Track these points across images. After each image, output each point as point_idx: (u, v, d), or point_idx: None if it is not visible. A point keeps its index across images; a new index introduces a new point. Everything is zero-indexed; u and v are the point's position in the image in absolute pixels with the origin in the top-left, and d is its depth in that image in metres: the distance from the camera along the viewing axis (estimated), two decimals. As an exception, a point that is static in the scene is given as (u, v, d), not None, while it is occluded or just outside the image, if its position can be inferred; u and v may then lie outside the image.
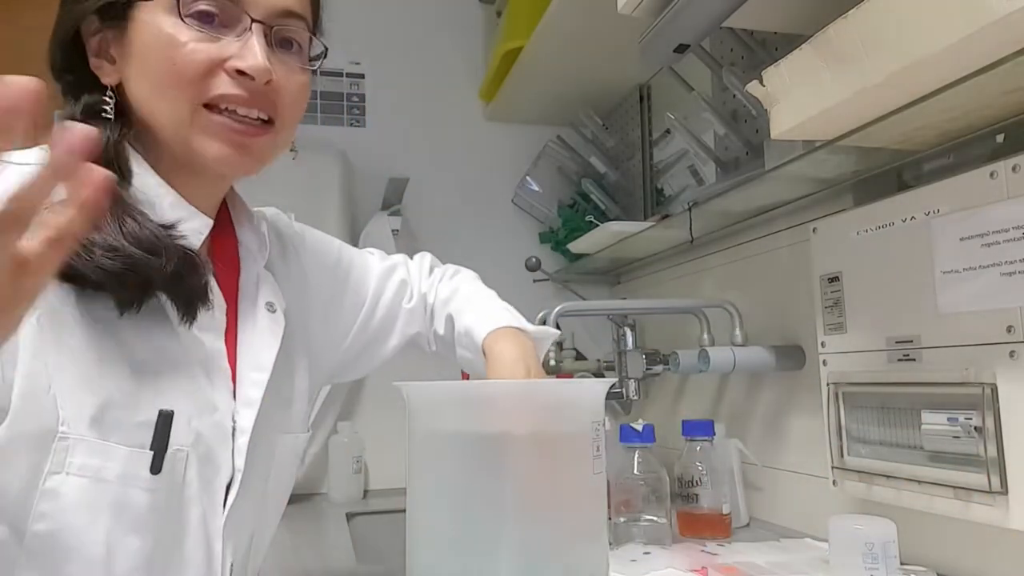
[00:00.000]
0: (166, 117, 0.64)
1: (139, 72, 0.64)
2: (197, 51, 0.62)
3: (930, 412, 0.78)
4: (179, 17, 0.62)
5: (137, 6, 0.64)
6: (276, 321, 0.75)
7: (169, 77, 0.63)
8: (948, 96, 0.68)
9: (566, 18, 1.36)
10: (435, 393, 0.67)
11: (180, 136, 0.65)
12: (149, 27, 0.63)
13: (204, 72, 0.63)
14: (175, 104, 0.63)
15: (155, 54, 0.63)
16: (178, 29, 0.62)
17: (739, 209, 1.20)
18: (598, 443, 0.66)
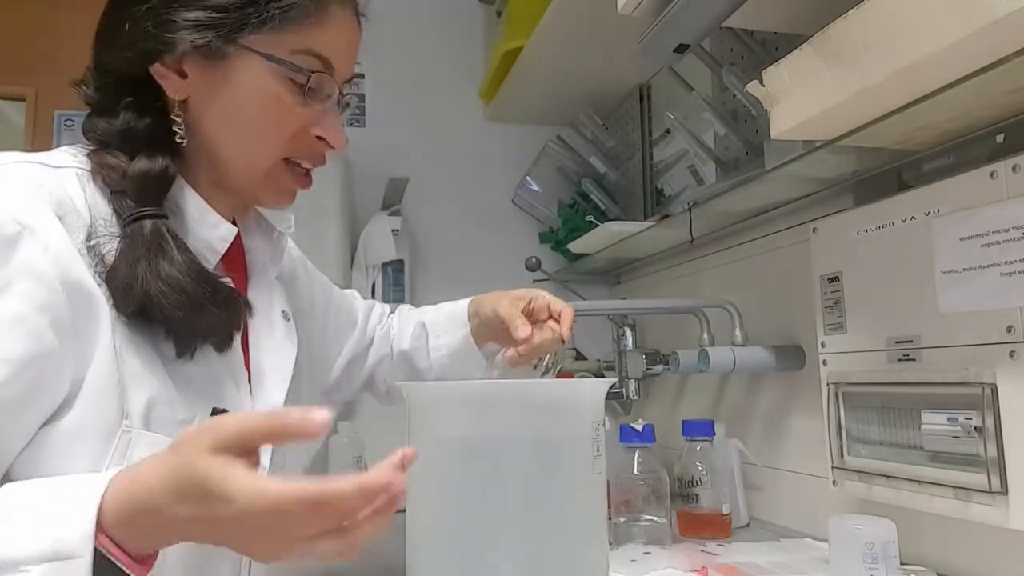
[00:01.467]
0: (243, 160, 0.67)
1: (229, 113, 0.65)
2: (296, 116, 0.66)
3: (930, 412, 0.78)
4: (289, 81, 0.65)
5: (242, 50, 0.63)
6: (292, 329, 0.77)
7: (267, 134, 0.66)
8: (948, 96, 0.68)
9: (566, 18, 1.36)
10: (435, 393, 0.67)
11: (249, 177, 0.68)
12: (256, 79, 0.64)
13: (296, 134, 0.67)
14: (261, 155, 0.67)
15: (258, 108, 0.65)
16: (284, 92, 0.65)
17: (739, 209, 1.20)
18: (598, 443, 0.66)
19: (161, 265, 0.60)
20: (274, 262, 0.78)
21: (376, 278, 1.64)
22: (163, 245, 0.61)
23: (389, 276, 1.64)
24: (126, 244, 0.60)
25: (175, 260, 0.61)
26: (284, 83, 0.65)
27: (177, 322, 0.61)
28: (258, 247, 0.78)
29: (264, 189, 0.70)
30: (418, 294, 1.69)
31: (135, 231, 0.61)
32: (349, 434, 1.60)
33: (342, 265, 1.60)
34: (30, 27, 1.78)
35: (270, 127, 0.66)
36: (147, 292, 0.59)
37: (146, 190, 0.63)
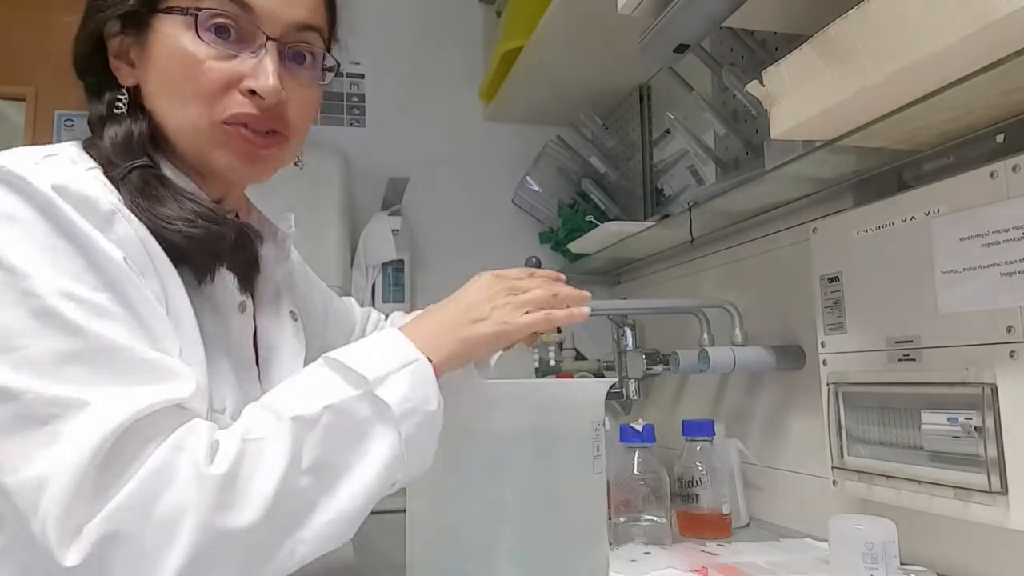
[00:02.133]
0: (182, 127, 0.66)
1: (157, 82, 0.66)
2: (214, 70, 0.64)
3: (930, 412, 0.78)
4: (196, 31, 0.63)
5: (157, 16, 0.64)
6: (300, 329, 0.78)
7: (187, 93, 0.65)
8: (948, 96, 0.68)
9: (566, 18, 1.36)
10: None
11: (195, 144, 0.67)
12: (169, 40, 0.64)
13: (220, 91, 0.64)
14: (192, 118, 0.65)
15: (174, 69, 0.64)
16: (197, 46, 0.64)
17: (739, 209, 1.20)
18: (598, 443, 0.66)
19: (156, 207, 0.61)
20: (279, 261, 0.77)
21: (376, 278, 1.64)
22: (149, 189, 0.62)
23: (389, 276, 1.64)
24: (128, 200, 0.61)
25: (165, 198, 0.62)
26: (192, 36, 0.63)
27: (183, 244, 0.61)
28: (264, 247, 0.76)
29: (216, 156, 0.66)
30: (418, 294, 1.69)
31: (129, 186, 0.61)
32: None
33: (342, 265, 1.60)
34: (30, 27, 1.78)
35: (188, 85, 0.64)
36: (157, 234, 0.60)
37: (120, 149, 0.64)
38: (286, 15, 0.66)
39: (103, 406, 0.49)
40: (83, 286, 0.52)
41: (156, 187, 0.63)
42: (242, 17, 0.64)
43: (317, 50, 0.70)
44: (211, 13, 0.63)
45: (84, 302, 0.52)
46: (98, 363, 0.51)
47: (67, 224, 0.54)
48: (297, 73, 0.69)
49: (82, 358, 0.50)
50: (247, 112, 0.65)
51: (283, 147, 0.69)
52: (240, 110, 0.65)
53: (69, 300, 0.51)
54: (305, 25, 0.68)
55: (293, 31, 0.67)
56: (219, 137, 0.66)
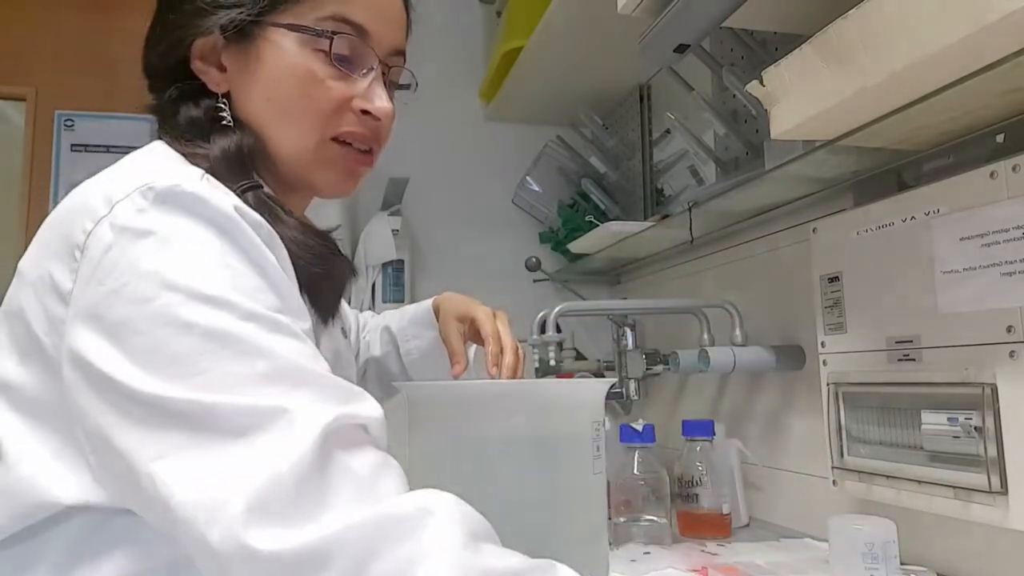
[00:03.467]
0: (291, 143, 0.65)
1: (265, 95, 0.65)
2: (332, 89, 0.64)
3: (930, 412, 0.78)
4: (317, 50, 0.63)
5: (267, 27, 0.63)
6: (350, 347, 0.79)
7: (303, 110, 0.64)
8: (948, 96, 0.68)
9: (566, 18, 1.36)
10: (435, 393, 0.67)
11: (299, 161, 0.66)
12: (285, 55, 0.63)
13: (336, 110, 0.65)
14: (302, 135, 0.65)
15: (289, 84, 0.64)
16: (315, 64, 0.63)
17: (739, 209, 1.20)
18: (598, 443, 0.66)
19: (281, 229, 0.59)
20: None
21: (376, 278, 1.64)
22: (273, 210, 0.61)
23: (389, 276, 1.64)
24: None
25: (289, 222, 0.61)
26: (312, 53, 0.63)
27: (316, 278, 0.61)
28: None
29: (319, 173, 0.67)
30: (418, 294, 1.69)
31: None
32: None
33: (342, 265, 1.60)
34: (30, 27, 1.78)
35: (302, 101, 0.64)
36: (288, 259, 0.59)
37: (233, 165, 0.62)
38: (390, 38, 0.68)
39: (295, 417, 0.46)
40: (262, 306, 0.51)
41: (277, 211, 0.61)
42: (358, 41, 0.65)
43: (405, 71, 0.74)
44: (336, 35, 0.63)
45: (265, 322, 0.50)
46: (288, 381, 0.48)
47: (247, 245, 0.53)
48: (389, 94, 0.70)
49: (270, 377, 0.48)
50: (360, 132, 0.67)
51: (373, 162, 0.71)
52: (352, 129, 0.66)
53: (250, 321, 0.49)
54: (399, 49, 0.71)
55: (392, 55, 0.70)
56: (327, 154, 0.66)
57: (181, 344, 0.48)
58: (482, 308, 0.85)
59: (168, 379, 0.47)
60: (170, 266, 0.50)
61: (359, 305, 1.60)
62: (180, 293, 0.49)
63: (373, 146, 0.69)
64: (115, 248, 0.51)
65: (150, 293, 0.49)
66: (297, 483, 0.44)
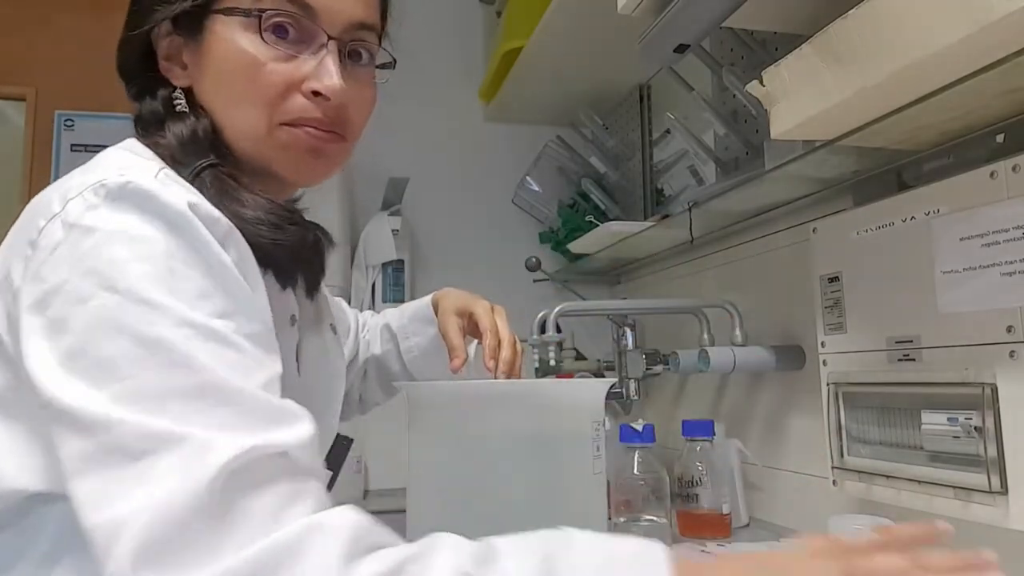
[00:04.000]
0: (243, 130, 0.64)
1: (215, 85, 0.64)
2: (275, 72, 0.62)
3: (930, 412, 0.78)
4: (256, 33, 0.62)
5: (212, 17, 0.63)
6: (339, 343, 0.78)
7: (248, 96, 0.63)
8: (948, 96, 0.68)
9: (566, 18, 1.36)
10: (434, 393, 0.67)
11: (255, 148, 0.65)
12: (226, 42, 0.62)
13: (282, 93, 0.63)
14: (253, 121, 0.63)
15: (233, 71, 0.62)
16: (256, 47, 0.61)
17: (739, 209, 1.20)
18: (598, 443, 0.66)
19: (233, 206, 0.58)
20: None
21: (376, 278, 1.64)
22: (230, 188, 0.60)
23: (389, 276, 1.64)
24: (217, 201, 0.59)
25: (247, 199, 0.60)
26: (252, 37, 0.61)
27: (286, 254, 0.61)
28: None
29: (276, 158, 0.65)
30: (418, 294, 1.67)
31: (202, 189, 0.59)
32: (349, 434, 1.60)
33: (342, 265, 1.60)
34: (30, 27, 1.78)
35: (248, 87, 0.62)
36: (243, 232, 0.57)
37: (187, 147, 0.62)
38: (345, 13, 0.64)
39: (201, 446, 0.44)
40: (201, 313, 0.49)
41: (232, 186, 0.60)
42: (302, 17, 0.62)
43: (374, 48, 0.69)
44: (272, 13, 0.61)
45: (200, 330, 0.49)
46: (205, 399, 0.47)
47: (198, 244, 0.52)
48: (356, 72, 0.67)
49: (190, 394, 0.47)
50: (312, 116, 0.64)
51: (344, 146, 0.68)
52: (304, 113, 0.63)
53: (184, 328, 0.48)
54: (362, 23, 0.66)
55: (351, 30, 0.65)
56: (280, 139, 0.64)
57: (109, 348, 0.47)
58: (481, 302, 0.84)
59: (89, 384, 0.47)
60: (111, 266, 0.49)
61: (359, 305, 1.60)
62: (118, 295, 0.48)
63: (336, 128, 0.65)
64: (63, 245, 0.51)
65: (87, 293, 0.48)
66: (189, 524, 0.42)
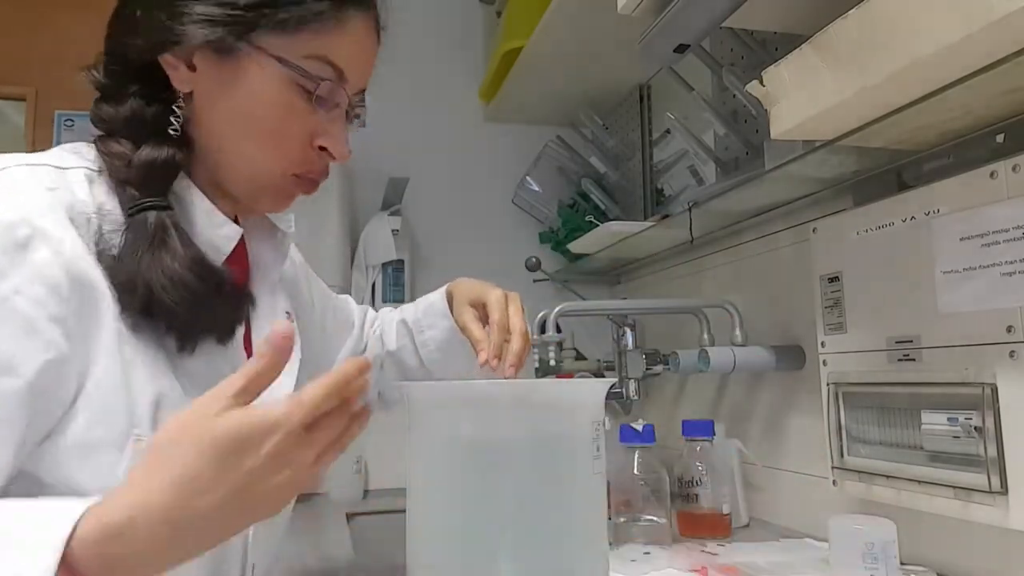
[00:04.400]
0: (247, 165, 0.66)
1: (236, 112, 0.64)
2: (299, 124, 0.65)
3: (930, 412, 0.78)
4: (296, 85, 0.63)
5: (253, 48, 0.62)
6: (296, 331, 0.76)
7: (273, 139, 0.65)
8: (948, 96, 0.68)
9: (566, 18, 1.36)
10: (435, 393, 0.67)
11: (251, 183, 0.67)
12: (268, 81, 0.63)
13: (300, 144, 0.66)
14: (265, 162, 0.65)
15: (267, 111, 0.64)
16: (293, 96, 0.63)
17: (739, 209, 1.20)
18: (598, 443, 0.66)
19: (164, 258, 0.58)
20: (277, 262, 0.77)
21: (376, 278, 1.64)
22: (166, 237, 0.60)
23: (389, 276, 1.64)
24: (130, 236, 0.59)
25: (178, 253, 0.59)
26: (293, 88, 0.63)
27: (178, 316, 0.59)
28: (262, 247, 0.77)
29: (266, 198, 0.69)
30: (418, 294, 1.67)
31: (138, 223, 0.59)
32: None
33: (342, 265, 1.60)
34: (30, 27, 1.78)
35: (275, 132, 0.64)
36: (149, 286, 0.57)
37: (151, 179, 0.61)
38: (362, 82, 0.69)
39: None
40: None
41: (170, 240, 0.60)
42: (336, 82, 0.65)
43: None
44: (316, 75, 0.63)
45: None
46: None
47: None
48: None
49: None
50: (319, 169, 0.68)
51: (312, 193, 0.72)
52: (314, 167, 0.68)
53: None
54: (364, 89, 0.71)
55: (358, 94, 0.70)
56: (282, 184, 0.67)
57: None
58: (494, 291, 0.82)
59: None
60: None
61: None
62: None
63: (320, 179, 0.70)
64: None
65: None
66: None
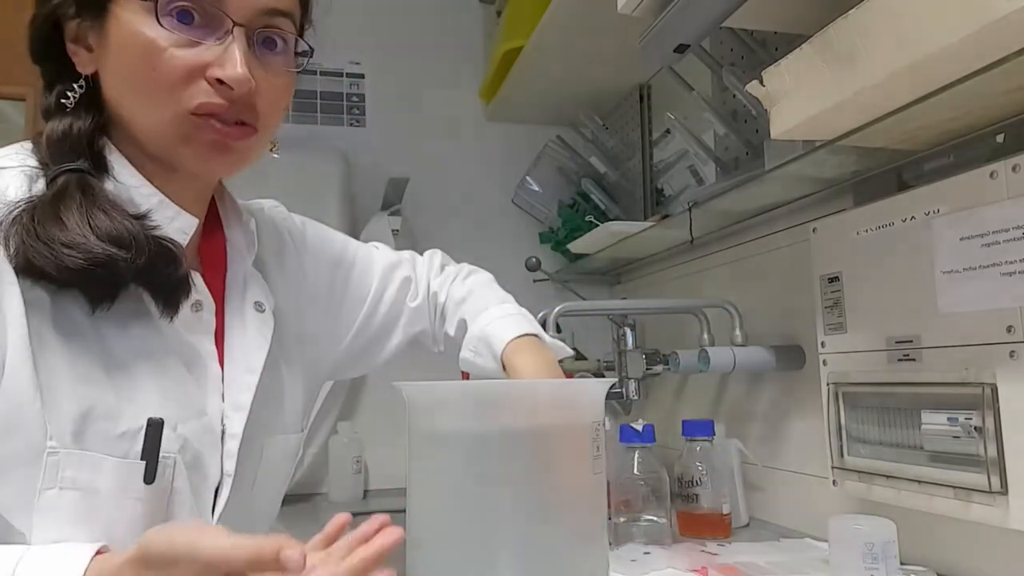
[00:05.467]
0: (145, 120, 0.62)
1: (116, 71, 0.62)
2: (176, 58, 0.60)
3: (930, 412, 0.78)
4: (157, 19, 0.59)
5: (116, 1, 0.61)
6: (265, 321, 0.73)
7: (149, 83, 0.60)
8: (948, 96, 0.68)
9: (566, 18, 1.36)
10: (435, 393, 0.67)
11: (159, 137, 0.63)
12: (127, 26, 0.60)
13: (184, 80, 0.60)
14: (155, 110, 0.61)
15: (134, 57, 0.60)
16: (158, 32, 0.59)
17: (739, 209, 1.20)
18: (598, 443, 0.66)
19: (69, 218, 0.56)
20: (248, 250, 0.75)
21: (376, 278, 1.64)
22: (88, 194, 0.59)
23: (389, 276, 1.64)
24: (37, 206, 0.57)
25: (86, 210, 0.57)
26: (154, 23, 0.59)
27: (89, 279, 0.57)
28: (237, 236, 0.75)
29: (179, 149, 0.63)
30: (418, 294, 1.68)
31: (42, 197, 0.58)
32: (349, 434, 1.60)
33: (342, 265, 1.60)
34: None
35: (150, 74, 0.60)
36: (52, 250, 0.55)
37: (58, 150, 0.61)
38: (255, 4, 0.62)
39: None
40: None
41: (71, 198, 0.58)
42: (206, 2, 0.60)
43: (288, 35, 0.66)
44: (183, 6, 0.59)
45: None
46: None
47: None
48: (267, 60, 0.64)
49: None
50: (215, 102, 0.61)
51: (254, 139, 0.65)
52: (207, 99, 0.61)
53: None
54: (274, 9, 0.63)
55: (262, 16, 0.63)
56: (185, 128, 0.61)
57: None
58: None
59: None
60: None
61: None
62: None
63: (245, 118, 0.63)
64: None
65: None
66: None
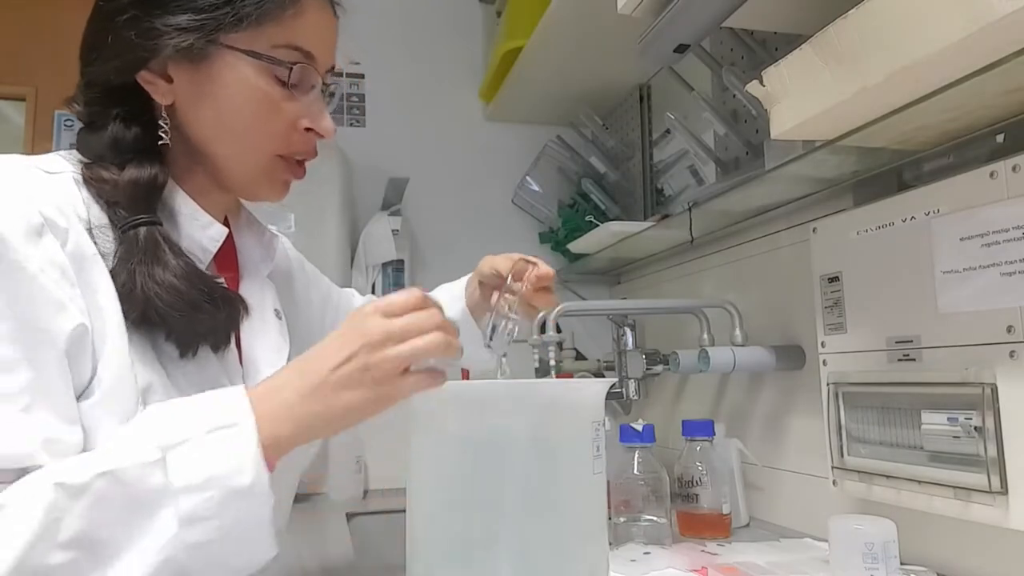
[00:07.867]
0: (236, 159, 0.69)
1: (218, 114, 0.66)
2: (285, 111, 0.68)
3: (930, 412, 0.78)
4: (270, 75, 0.66)
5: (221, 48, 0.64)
6: (284, 327, 0.78)
7: (258, 132, 0.68)
8: (948, 96, 0.68)
9: (566, 18, 1.36)
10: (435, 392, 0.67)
11: (243, 176, 0.70)
12: (242, 78, 0.65)
13: (288, 130, 0.69)
14: (251, 152, 0.68)
15: (246, 107, 0.66)
16: (270, 86, 0.66)
17: (739, 209, 1.20)
18: (598, 443, 0.66)
19: (156, 271, 0.62)
20: (265, 261, 0.79)
21: (376, 278, 1.64)
22: (158, 251, 0.63)
23: (389, 276, 1.64)
24: (123, 251, 0.62)
25: (170, 264, 0.62)
26: (268, 79, 0.66)
27: (176, 323, 0.62)
28: (250, 246, 0.79)
29: (260, 185, 0.71)
30: (418, 294, 1.68)
31: (130, 239, 0.62)
32: (349, 434, 1.60)
33: (342, 265, 1.60)
34: (30, 27, 1.78)
35: (259, 124, 0.67)
36: (147, 297, 0.60)
37: (138, 198, 0.64)
38: (329, 61, 0.71)
39: None
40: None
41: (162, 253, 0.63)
42: (306, 64, 0.68)
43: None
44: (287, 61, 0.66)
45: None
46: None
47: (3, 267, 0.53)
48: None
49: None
50: (307, 149, 0.72)
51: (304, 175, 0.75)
52: (302, 147, 0.71)
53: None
54: (333, 67, 0.73)
55: (328, 73, 0.72)
56: (271, 167, 0.70)
57: None
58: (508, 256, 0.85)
59: None
60: None
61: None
62: None
63: (309, 158, 0.73)
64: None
65: None
66: None
